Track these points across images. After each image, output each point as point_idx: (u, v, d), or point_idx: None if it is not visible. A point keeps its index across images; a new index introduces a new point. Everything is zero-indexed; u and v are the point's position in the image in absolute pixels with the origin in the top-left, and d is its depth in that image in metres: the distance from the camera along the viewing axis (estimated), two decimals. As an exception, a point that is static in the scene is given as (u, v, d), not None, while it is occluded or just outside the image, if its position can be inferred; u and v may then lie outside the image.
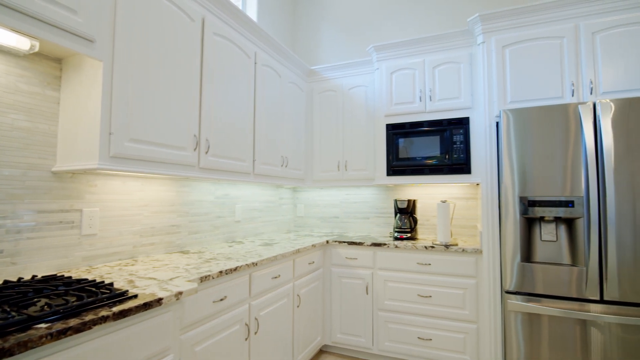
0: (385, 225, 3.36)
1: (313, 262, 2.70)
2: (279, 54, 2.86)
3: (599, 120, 1.99)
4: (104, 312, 1.01)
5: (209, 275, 1.57)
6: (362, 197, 3.47)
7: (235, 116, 2.30)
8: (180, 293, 1.28)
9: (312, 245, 2.64)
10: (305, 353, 2.53)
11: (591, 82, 2.19)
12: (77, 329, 0.92)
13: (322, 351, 2.97)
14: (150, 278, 1.47)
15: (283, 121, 2.92)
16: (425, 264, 2.58)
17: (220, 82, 2.16)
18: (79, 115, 1.51)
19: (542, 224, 2.16)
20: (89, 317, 0.97)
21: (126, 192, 1.90)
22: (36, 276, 1.36)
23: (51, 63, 1.56)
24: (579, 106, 2.04)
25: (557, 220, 2.13)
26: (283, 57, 2.92)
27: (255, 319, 1.94)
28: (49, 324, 0.90)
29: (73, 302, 1.02)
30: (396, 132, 2.91)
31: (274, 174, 2.76)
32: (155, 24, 1.69)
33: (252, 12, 3.32)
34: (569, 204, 2.05)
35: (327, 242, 2.91)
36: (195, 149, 1.94)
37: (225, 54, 2.20)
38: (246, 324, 1.86)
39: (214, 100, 2.10)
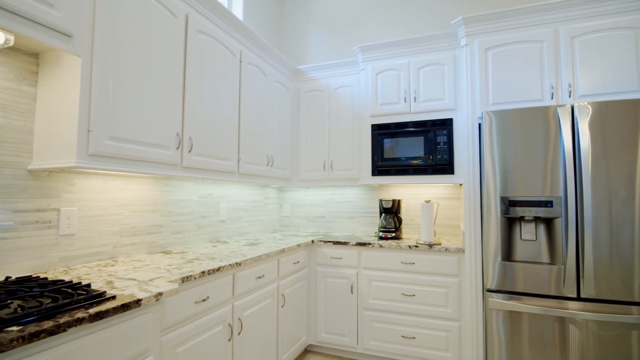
0: (370, 225, 3.38)
1: (298, 261, 2.70)
2: (265, 52, 2.84)
3: (577, 123, 2.05)
4: (79, 314, 0.98)
5: (191, 276, 1.55)
6: (348, 197, 3.49)
7: (220, 115, 2.27)
8: (160, 294, 1.25)
9: (297, 245, 2.63)
10: (289, 353, 2.52)
11: (570, 86, 2.24)
12: (51, 332, 0.89)
13: (307, 351, 2.97)
14: (130, 279, 1.44)
15: (269, 120, 2.91)
16: (410, 263, 2.60)
17: (205, 80, 2.13)
18: (57, 111, 1.47)
19: (522, 224, 2.21)
20: (63, 319, 0.94)
21: (106, 191, 1.86)
22: (10, 277, 1.32)
23: (27, 58, 1.51)
24: (558, 109, 2.09)
25: (537, 219, 2.18)
26: (269, 56, 2.91)
27: (239, 319, 1.92)
28: (21, 327, 0.87)
29: (47, 304, 0.99)
30: (381, 132, 2.93)
31: (260, 173, 2.75)
32: (136, 19, 1.66)
33: (237, 12, 3.29)
34: (548, 204, 2.10)
35: (313, 241, 2.91)
36: (178, 148, 1.91)
37: (209, 52, 2.18)
38: (229, 325, 1.84)
39: (198, 98, 2.08)
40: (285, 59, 3.11)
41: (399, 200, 3.05)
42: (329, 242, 2.86)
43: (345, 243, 2.80)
